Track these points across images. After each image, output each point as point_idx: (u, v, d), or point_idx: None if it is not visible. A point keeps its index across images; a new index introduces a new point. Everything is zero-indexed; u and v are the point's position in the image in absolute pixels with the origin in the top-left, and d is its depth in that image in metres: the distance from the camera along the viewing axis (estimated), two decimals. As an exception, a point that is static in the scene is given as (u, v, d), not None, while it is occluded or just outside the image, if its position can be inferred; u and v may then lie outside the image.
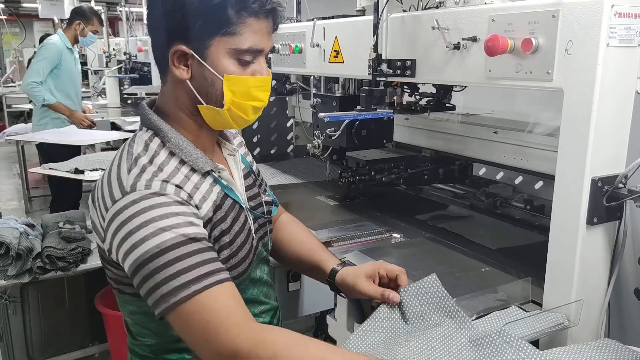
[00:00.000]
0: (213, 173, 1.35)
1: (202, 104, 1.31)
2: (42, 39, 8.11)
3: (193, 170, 1.31)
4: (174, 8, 1.24)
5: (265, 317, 1.54)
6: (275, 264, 1.74)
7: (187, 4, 1.22)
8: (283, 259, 1.69)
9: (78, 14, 5.21)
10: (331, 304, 1.91)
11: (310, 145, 2.62)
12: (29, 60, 10.41)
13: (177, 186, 1.25)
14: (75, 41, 5.24)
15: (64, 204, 4.75)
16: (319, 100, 2.67)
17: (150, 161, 1.27)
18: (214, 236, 1.31)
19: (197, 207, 1.27)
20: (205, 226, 1.27)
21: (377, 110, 2.19)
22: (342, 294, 1.60)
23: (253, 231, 1.46)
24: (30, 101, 5.61)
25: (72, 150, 4.85)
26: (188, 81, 1.29)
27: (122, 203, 1.20)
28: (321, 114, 2.23)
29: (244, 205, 1.43)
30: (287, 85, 3.39)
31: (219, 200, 1.34)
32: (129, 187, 1.21)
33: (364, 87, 2.14)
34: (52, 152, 4.78)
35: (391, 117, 2.50)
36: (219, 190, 1.36)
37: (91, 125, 5.22)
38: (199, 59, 1.26)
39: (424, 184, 2.79)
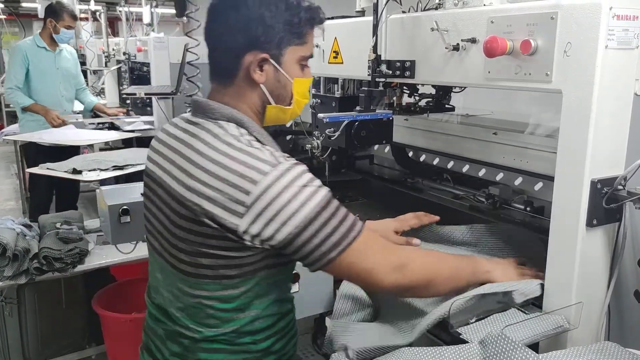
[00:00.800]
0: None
1: (271, 104, 1.48)
2: None
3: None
4: (256, 21, 1.38)
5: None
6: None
7: (270, 18, 1.39)
8: None
9: (49, 12, 5.23)
10: (330, 306, 1.91)
11: (310, 145, 2.62)
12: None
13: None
14: (52, 39, 5.22)
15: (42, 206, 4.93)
16: (319, 100, 2.66)
17: (263, 147, 1.38)
18: None
19: None
20: None
21: (377, 110, 2.18)
22: None
23: None
24: None
25: (65, 151, 4.78)
26: (263, 85, 1.44)
27: (274, 174, 1.29)
28: (320, 115, 2.22)
29: None
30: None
31: None
32: (275, 160, 1.32)
33: (363, 88, 2.13)
34: (39, 154, 4.80)
35: (391, 118, 2.49)
36: None
37: (62, 124, 5.15)
38: (276, 65, 1.43)
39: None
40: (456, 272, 1.56)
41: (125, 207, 2.67)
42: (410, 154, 3.05)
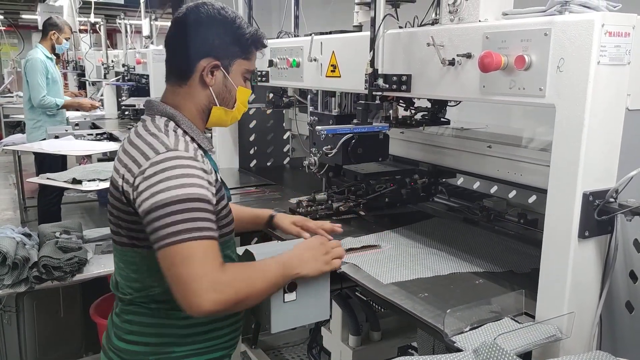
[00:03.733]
0: (209, 153, 1.73)
1: (216, 105, 1.72)
2: None
3: (199, 146, 1.65)
4: (213, 33, 1.65)
5: None
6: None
7: (224, 34, 1.67)
8: None
9: (51, 25, 5.78)
10: (326, 315, 1.93)
11: (307, 162, 2.67)
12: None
13: (202, 156, 1.59)
14: (53, 50, 5.78)
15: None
16: (316, 118, 2.69)
17: (176, 133, 1.60)
18: (216, 200, 1.59)
19: (210, 172, 1.59)
20: (215, 193, 1.59)
21: (373, 123, 2.21)
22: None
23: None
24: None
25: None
26: (211, 87, 1.68)
27: (165, 155, 1.49)
28: (318, 127, 2.26)
29: (223, 180, 1.78)
30: (284, 98, 3.43)
31: (215, 172, 1.68)
32: (172, 145, 1.52)
33: (360, 101, 2.17)
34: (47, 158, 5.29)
35: (387, 133, 2.53)
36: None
37: (96, 107, 6.23)
38: (225, 72, 1.69)
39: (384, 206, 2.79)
40: (268, 285, 1.61)
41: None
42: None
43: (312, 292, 1.85)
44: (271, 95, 3.36)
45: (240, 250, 1.87)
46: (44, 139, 5.33)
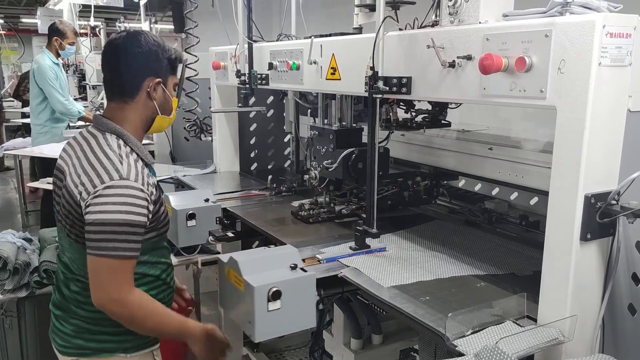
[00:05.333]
0: (151, 165, 2.01)
1: (159, 114, 2.02)
2: None
3: (143, 162, 1.94)
4: (153, 56, 1.97)
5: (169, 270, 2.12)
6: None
7: (159, 54, 1.98)
8: None
9: (54, 31, 5.72)
10: (312, 323, 1.91)
11: (308, 176, 2.68)
12: (21, 77, 10.51)
13: (147, 184, 1.87)
14: (57, 55, 5.74)
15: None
16: (316, 132, 2.70)
17: (127, 159, 1.87)
18: (156, 209, 1.93)
19: (151, 194, 1.88)
20: (155, 204, 1.91)
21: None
22: None
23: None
24: (28, 116, 6.05)
25: None
26: (154, 101, 1.99)
27: (118, 183, 1.80)
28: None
29: (161, 189, 2.08)
30: (283, 101, 3.42)
31: (156, 185, 1.97)
32: (125, 174, 1.81)
33: (359, 104, 2.16)
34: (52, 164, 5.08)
35: (387, 147, 2.56)
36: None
37: None
38: (163, 87, 2.01)
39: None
40: (157, 331, 1.96)
41: (191, 211, 2.73)
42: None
43: (297, 301, 1.83)
44: (271, 97, 3.36)
45: (224, 257, 1.93)
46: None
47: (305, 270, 1.89)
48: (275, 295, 1.77)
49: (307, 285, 1.86)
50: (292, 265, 1.88)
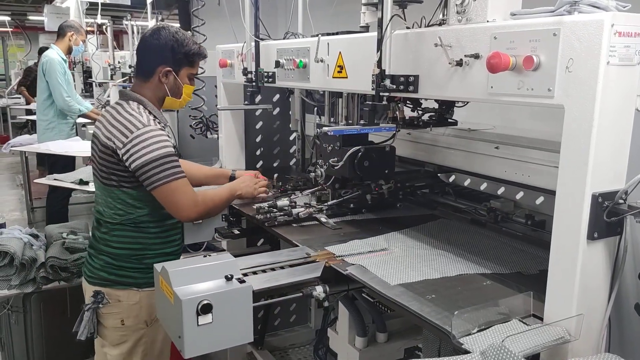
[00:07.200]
0: (166, 127, 2.49)
1: (169, 96, 2.52)
2: (40, 51, 8.33)
3: (160, 123, 2.45)
4: (168, 49, 2.45)
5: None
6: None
7: (175, 48, 2.46)
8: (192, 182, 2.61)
9: (69, 26, 5.94)
10: (249, 338, 1.84)
11: (314, 174, 2.68)
12: (26, 71, 10.54)
13: (162, 128, 2.42)
14: (68, 52, 5.90)
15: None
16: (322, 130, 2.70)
17: (147, 116, 2.40)
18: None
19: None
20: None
21: (380, 124, 2.21)
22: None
23: None
24: (34, 112, 6.12)
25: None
26: (165, 84, 2.48)
27: (143, 130, 2.33)
28: (325, 128, 2.27)
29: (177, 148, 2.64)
30: (289, 99, 3.41)
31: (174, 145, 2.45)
32: (146, 122, 2.35)
33: (367, 102, 2.16)
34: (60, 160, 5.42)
35: (393, 146, 2.56)
36: None
37: None
38: (175, 76, 2.49)
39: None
40: (222, 200, 2.65)
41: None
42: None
43: (231, 314, 1.76)
44: (277, 95, 3.36)
45: (159, 267, 1.87)
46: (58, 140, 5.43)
47: (242, 282, 1.81)
48: (205, 309, 1.68)
49: (243, 297, 1.77)
50: (228, 276, 1.79)
